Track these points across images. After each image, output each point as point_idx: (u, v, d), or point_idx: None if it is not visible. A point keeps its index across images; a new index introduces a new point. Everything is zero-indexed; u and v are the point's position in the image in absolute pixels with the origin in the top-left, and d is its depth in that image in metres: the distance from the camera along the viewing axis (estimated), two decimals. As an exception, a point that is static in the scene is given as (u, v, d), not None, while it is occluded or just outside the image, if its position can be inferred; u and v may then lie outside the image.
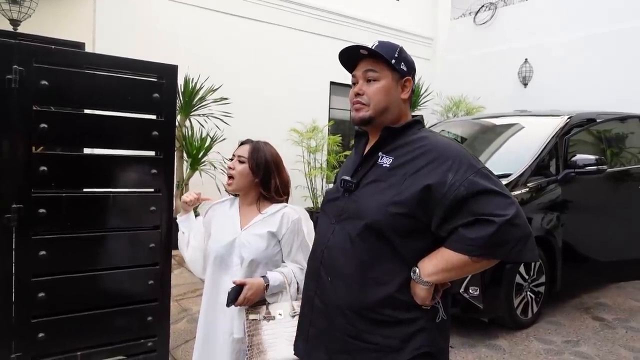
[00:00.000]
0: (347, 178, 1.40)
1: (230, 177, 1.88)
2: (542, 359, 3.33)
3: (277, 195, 1.92)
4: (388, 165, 1.33)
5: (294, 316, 1.72)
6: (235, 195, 2.00)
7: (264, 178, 1.89)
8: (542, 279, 3.99)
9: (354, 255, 1.32)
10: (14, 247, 2.25)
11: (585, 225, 4.32)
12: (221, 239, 1.87)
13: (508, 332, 3.78)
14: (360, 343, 1.32)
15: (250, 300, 1.74)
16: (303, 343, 1.46)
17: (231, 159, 1.94)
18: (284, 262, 1.92)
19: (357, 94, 1.39)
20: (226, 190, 2.04)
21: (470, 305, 3.54)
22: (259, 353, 1.70)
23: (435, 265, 1.26)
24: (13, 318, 2.27)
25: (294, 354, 1.53)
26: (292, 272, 1.86)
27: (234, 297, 1.71)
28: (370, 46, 1.38)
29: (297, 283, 1.84)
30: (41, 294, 2.31)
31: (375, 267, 1.31)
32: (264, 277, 1.80)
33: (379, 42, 1.40)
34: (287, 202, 1.97)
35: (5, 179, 2.21)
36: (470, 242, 1.20)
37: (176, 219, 2.21)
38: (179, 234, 2.13)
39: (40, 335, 2.32)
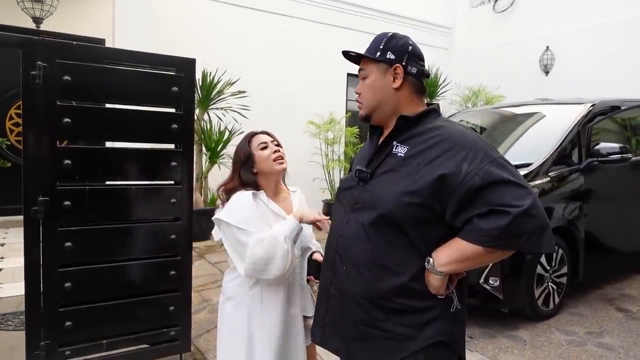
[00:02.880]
0: (362, 168, 1.40)
1: (282, 157, 1.93)
2: (563, 350, 3.29)
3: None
4: (402, 155, 1.33)
5: None
6: (256, 188, 1.92)
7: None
8: (564, 270, 3.93)
9: (368, 245, 1.33)
10: (41, 238, 2.32)
11: (609, 215, 4.24)
12: None
13: (529, 323, 3.74)
14: (374, 331, 1.33)
15: None
16: (320, 330, 1.48)
17: (263, 148, 1.91)
18: None
19: (357, 94, 1.46)
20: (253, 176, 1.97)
21: (490, 296, 3.51)
22: None
23: (449, 256, 1.25)
24: (42, 307, 2.35)
25: (312, 340, 1.56)
26: (316, 243, 2.04)
27: (318, 270, 1.80)
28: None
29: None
30: (67, 284, 2.38)
31: (390, 256, 1.31)
32: (318, 251, 1.96)
33: (375, 36, 1.43)
34: None
35: (32, 172, 2.28)
36: (484, 232, 1.18)
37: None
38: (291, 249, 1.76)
39: (68, 323, 2.40)
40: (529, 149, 4.26)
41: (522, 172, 3.74)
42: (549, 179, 3.83)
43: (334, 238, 1.45)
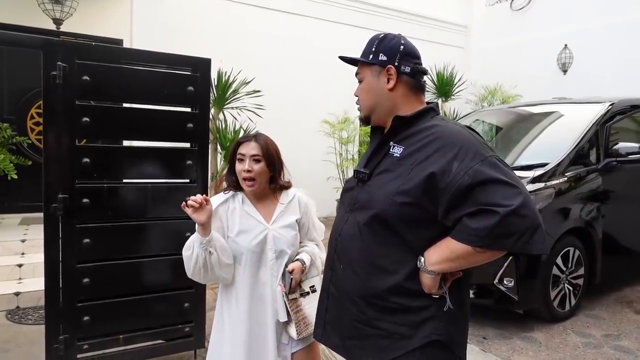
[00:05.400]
0: (360, 169, 1.42)
1: (251, 179, 1.84)
2: (579, 353, 3.25)
3: (285, 182, 1.98)
4: (398, 155, 1.33)
5: None
6: (235, 190, 1.93)
7: (277, 171, 1.92)
8: (581, 271, 3.87)
9: (363, 244, 1.34)
10: (60, 235, 2.38)
11: (628, 216, 4.16)
12: (251, 237, 1.86)
13: (544, 325, 3.69)
14: (370, 329, 1.34)
15: (297, 282, 1.87)
16: (321, 328, 1.49)
17: (239, 160, 1.87)
18: (301, 242, 2.00)
19: (356, 96, 1.47)
20: (221, 190, 1.98)
21: (505, 297, 3.48)
22: (306, 326, 1.83)
23: (440, 255, 1.25)
24: (61, 302, 2.41)
25: (314, 338, 1.58)
26: (312, 249, 1.99)
27: (291, 283, 1.85)
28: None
29: (320, 258, 1.98)
30: (86, 280, 2.44)
31: (384, 255, 1.32)
32: (298, 260, 1.90)
33: (369, 38, 1.44)
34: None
35: (52, 170, 2.34)
36: (472, 232, 1.17)
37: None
38: (205, 254, 1.74)
39: (85, 318, 2.45)
40: (546, 148, 4.20)
41: (538, 172, 3.70)
42: (565, 179, 3.78)
43: (333, 237, 1.47)
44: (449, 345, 1.32)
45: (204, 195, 1.74)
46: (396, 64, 1.38)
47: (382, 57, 1.38)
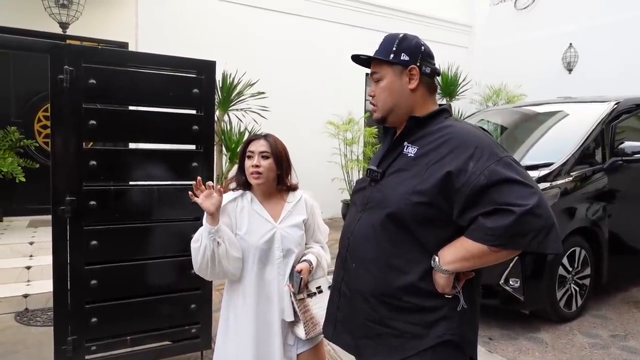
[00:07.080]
0: (373, 168, 1.42)
1: (258, 173, 1.88)
2: (586, 353, 3.24)
3: (292, 184, 2.01)
4: (412, 155, 1.34)
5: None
6: (244, 189, 1.97)
7: (284, 169, 1.96)
8: (587, 271, 3.86)
9: (377, 243, 1.35)
10: (68, 237, 2.40)
11: (634, 215, 4.14)
12: (259, 236, 1.89)
13: (551, 325, 3.68)
14: (382, 328, 1.34)
15: (305, 282, 1.90)
16: (332, 327, 1.50)
17: (249, 157, 1.91)
18: (306, 243, 2.02)
19: (371, 96, 1.46)
20: (232, 187, 2.01)
21: (511, 297, 3.47)
22: (314, 326, 1.85)
23: (455, 254, 1.26)
24: (69, 304, 2.43)
25: (324, 337, 1.58)
26: (318, 250, 2.02)
27: (300, 283, 1.86)
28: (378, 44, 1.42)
29: (325, 259, 2.02)
30: (93, 282, 2.46)
31: (398, 255, 1.32)
32: (306, 260, 1.92)
33: (384, 37, 1.43)
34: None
35: (59, 173, 2.36)
36: (489, 231, 1.18)
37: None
38: (213, 245, 1.75)
39: (93, 320, 2.47)
40: (551, 148, 4.19)
41: (544, 171, 3.69)
42: (571, 178, 3.77)
43: (345, 236, 1.47)
44: (461, 345, 1.33)
45: (219, 185, 1.77)
46: (418, 64, 1.39)
47: (404, 57, 1.38)
